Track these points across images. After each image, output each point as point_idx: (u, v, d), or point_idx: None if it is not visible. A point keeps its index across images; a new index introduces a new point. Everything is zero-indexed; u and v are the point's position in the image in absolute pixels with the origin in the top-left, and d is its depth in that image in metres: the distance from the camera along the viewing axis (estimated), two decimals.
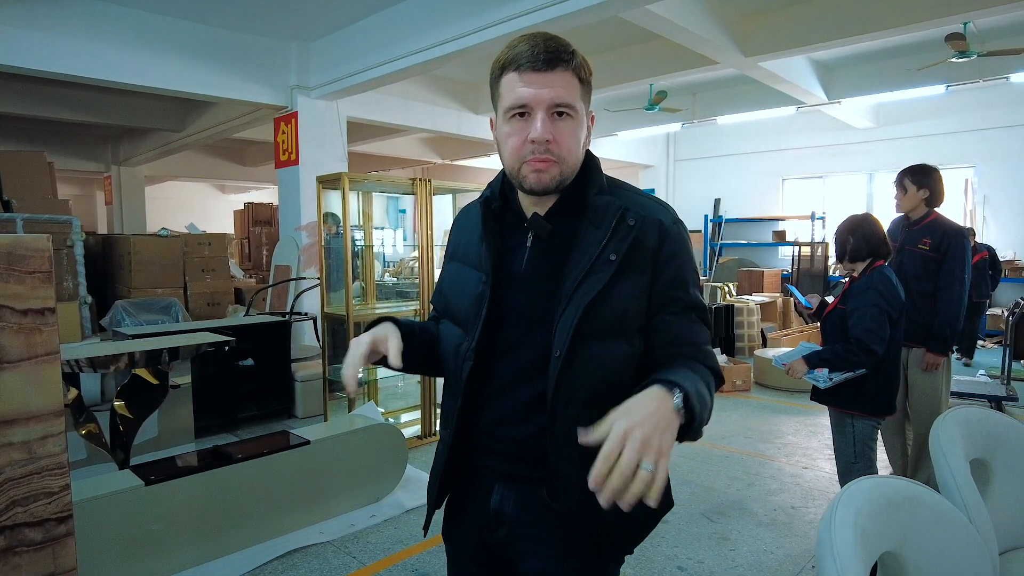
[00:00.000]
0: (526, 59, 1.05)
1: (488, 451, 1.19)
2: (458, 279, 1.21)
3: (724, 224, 12.11)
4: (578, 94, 1.08)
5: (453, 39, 5.17)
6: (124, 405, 3.69)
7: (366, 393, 4.91)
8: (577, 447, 0.93)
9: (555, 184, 1.08)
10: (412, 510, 3.44)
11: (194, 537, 2.81)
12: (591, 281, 1.05)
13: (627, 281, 1.07)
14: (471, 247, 1.20)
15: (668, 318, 1.11)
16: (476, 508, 1.23)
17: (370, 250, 4.98)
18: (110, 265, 7.90)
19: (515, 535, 1.18)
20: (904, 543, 1.16)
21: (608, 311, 1.06)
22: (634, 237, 1.08)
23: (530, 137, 1.05)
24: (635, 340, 1.10)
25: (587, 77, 1.11)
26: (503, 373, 1.15)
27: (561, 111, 1.06)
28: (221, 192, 18.74)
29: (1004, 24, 6.85)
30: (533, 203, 1.15)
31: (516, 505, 1.17)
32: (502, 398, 1.15)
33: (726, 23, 6.10)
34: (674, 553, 2.99)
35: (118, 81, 5.75)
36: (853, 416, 2.72)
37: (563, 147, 1.06)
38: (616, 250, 1.06)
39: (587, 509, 1.03)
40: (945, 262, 3.13)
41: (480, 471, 1.21)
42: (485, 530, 1.22)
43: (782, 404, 5.73)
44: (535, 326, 1.10)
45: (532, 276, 1.13)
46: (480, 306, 1.13)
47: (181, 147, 10.21)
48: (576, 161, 1.11)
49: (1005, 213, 9.35)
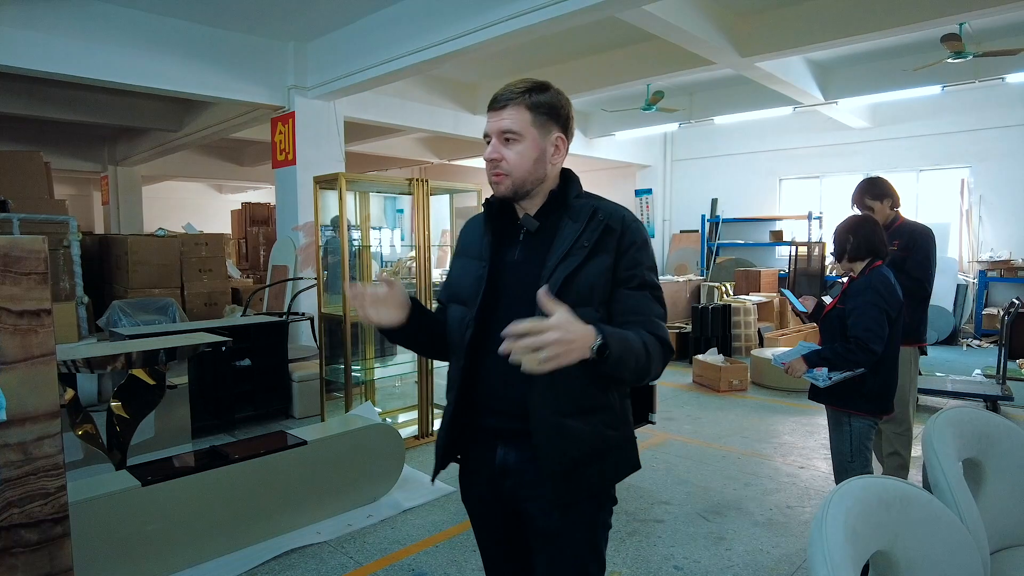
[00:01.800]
0: (491, 102, 1.41)
1: (490, 411, 1.42)
2: (464, 269, 1.49)
3: (721, 224, 12.11)
4: (527, 122, 1.38)
5: (450, 39, 5.17)
6: (121, 405, 3.69)
7: (363, 393, 4.91)
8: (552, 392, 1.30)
9: (509, 192, 1.40)
10: (409, 510, 3.44)
11: (191, 537, 2.82)
12: (568, 261, 1.34)
13: (596, 261, 1.35)
14: (474, 244, 1.49)
15: (626, 291, 1.37)
16: (484, 468, 1.47)
17: (367, 250, 4.98)
18: (107, 265, 7.89)
19: (518, 484, 1.42)
20: (895, 542, 1.17)
21: (581, 284, 1.33)
22: (603, 227, 1.36)
23: (484, 156, 1.41)
24: (602, 308, 1.36)
25: (543, 108, 1.39)
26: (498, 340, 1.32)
27: (508, 137, 1.38)
28: (218, 192, 18.72)
29: (1000, 25, 6.87)
30: (524, 207, 1.45)
31: (516, 458, 1.41)
32: (499, 363, 1.30)
33: (722, 23, 6.11)
34: (670, 552, 3.00)
35: (115, 81, 5.74)
36: (851, 415, 2.73)
37: (510, 163, 1.38)
38: (589, 239, 1.35)
39: (557, 445, 1.32)
40: (909, 259, 3.31)
41: (484, 433, 1.45)
42: (494, 486, 1.45)
43: (779, 404, 5.74)
44: (524, 301, 1.32)
45: (523, 263, 1.41)
46: (480, 285, 1.41)
47: (178, 147, 10.20)
48: (525, 173, 1.39)
49: (1001, 213, 9.37)
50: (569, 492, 1.35)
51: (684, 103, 9.67)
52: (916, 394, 3.56)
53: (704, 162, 12.63)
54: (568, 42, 6.94)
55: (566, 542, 1.41)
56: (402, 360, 5.14)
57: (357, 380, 4.70)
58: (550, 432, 1.31)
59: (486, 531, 1.57)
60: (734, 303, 8.05)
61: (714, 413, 5.43)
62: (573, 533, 1.41)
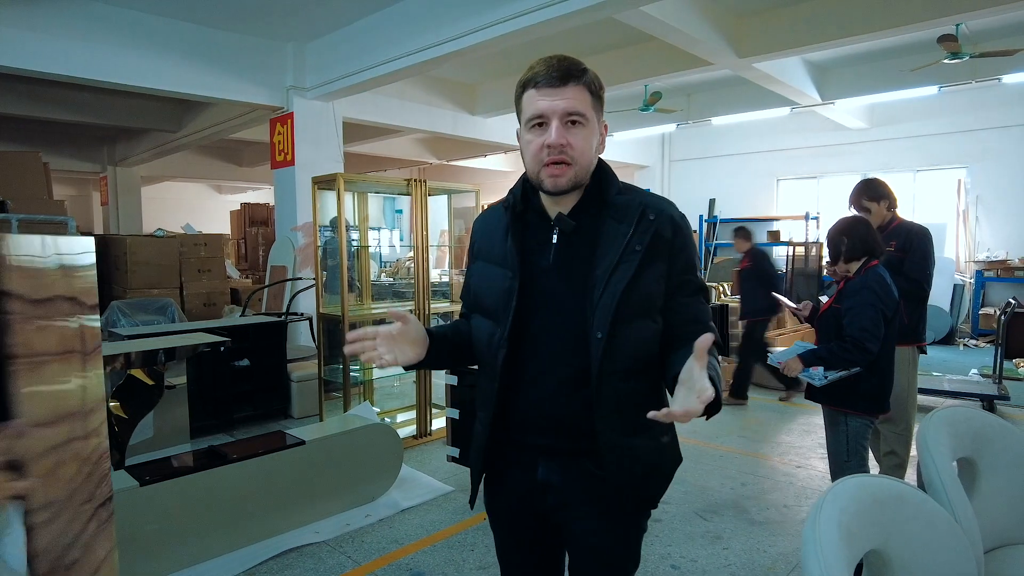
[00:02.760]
0: (543, 77, 1.21)
1: (530, 428, 1.32)
2: (485, 276, 1.36)
3: (719, 224, 12.14)
4: (589, 105, 1.23)
5: (450, 40, 5.17)
6: (120, 406, 3.70)
7: (362, 393, 4.92)
8: (618, 415, 1.23)
9: (569, 185, 1.23)
10: (407, 510, 3.45)
11: (189, 537, 2.82)
12: (622, 269, 1.21)
13: (651, 268, 1.24)
14: (494, 246, 1.35)
15: (683, 299, 1.28)
16: (517, 482, 1.39)
17: (366, 250, 4.99)
18: (106, 266, 7.88)
19: (563, 502, 1.34)
20: (889, 541, 1.18)
21: (638, 294, 1.22)
22: (655, 230, 1.24)
23: (547, 142, 1.21)
24: (658, 318, 1.27)
25: (598, 91, 1.26)
26: (538, 355, 1.29)
27: (574, 120, 1.21)
28: (218, 193, 18.70)
29: (996, 25, 6.88)
30: (555, 203, 1.29)
31: (562, 475, 1.32)
32: (540, 379, 1.29)
33: (720, 24, 6.12)
34: (668, 552, 3.01)
35: (114, 81, 5.74)
36: (847, 415, 2.74)
37: (576, 151, 1.21)
38: (640, 242, 1.23)
39: (626, 466, 1.26)
40: (907, 260, 3.31)
41: (522, 448, 1.36)
42: (530, 500, 1.37)
43: (776, 403, 5.76)
44: (566, 311, 1.25)
45: (560, 268, 1.27)
46: (510, 299, 1.28)
47: (177, 148, 10.19)
48: (588, 164, 1.25)
49: (998, 213, 9.40)
50: (630, 504, 1.32)
51: (682, 104, 9.68)
52: (916, 394, 3.56)
53: (702, 163, 12.65)
54: (567, 43, 6.95)
55: (609, 551, 1.37)
56: None
57: (356, 380, 4.71)
58: (620, 454, 1.25)
59: (512, 540, 1.49)
60: (732, 303, 8.06)
61: None
62: (617, 543, 1.37)
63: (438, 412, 4.77)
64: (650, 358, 1.27)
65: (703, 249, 12.13)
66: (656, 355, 1.28)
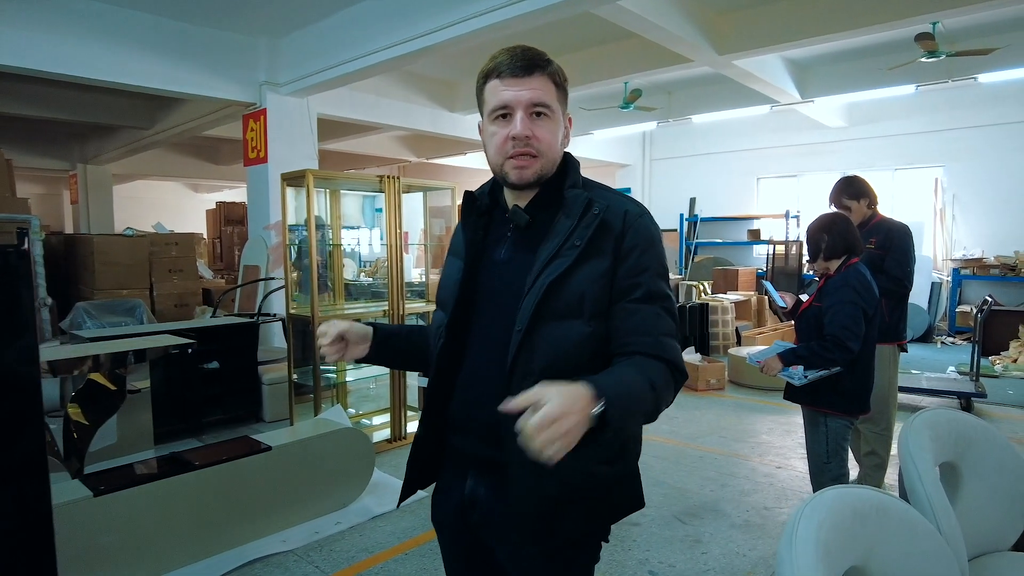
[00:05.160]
0: (506, 67, 1.17)
1: (461, 431, 1.26)
2: (448, 269, 1.34)
3: (700, 223, 12.14)
4: (554, 96, 1.19)
5: (426, 34, 5.07)
6: (79, 411, 3.56)
7: (334, 396, 4.80)
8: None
9: (535, 178, 1.19)
10: (379, 516, 3.35)
11: (149, 549, 2.70)
12: (555, 265, 1.14)
13: (588, 265, 1.14)
14: (461, 241, 1.32)
15: (628, 306, 1.16)
16: (454, 492, 1.30)
17: (338, 249, 4.87)
18: (73, 266, 7.67)
19: (488, 521, 1.24)
20: (870, 556, 1.11)
21: (568, 292, 1.14)
22: (598, 224, 1.15)
23: (511, 134, 1.16)
24: (594, 323, 1.15)
25: (562, 82, 1.22)
26: (473, 351, 1.24)
27: (539, 111, 1.17)
28: (195, 192, 18.41)
29: (972, 25, 6.91)
30: (515, 198, 1.26)
31: (488, 490, 1.23)
32: (474, 377, 1.23)
33: (700, 21, 6.08)
34: (646, 557, 2.94)
35: (82, 76, 5.55)
36: (827, 415, 2.70)
37: (543, 143, 1.18)
38: (581, 236, 1.15)
39: (531, 484, 1.12)
40: (888, 258, 3.30)
41: (456, 454, 1.29)
42: (462, 515, 1.29)
43: (756, 403, 5.72)
44: (507, 308, 1.17)
45: (510, 262, 1.23)
46: (455, 289, 1.25)
47: (150, 145, 9.96)
48: (555, 156, 1.21)
49: (974, 212, 9.48)
50: (544, 536, 1.16)
51: (662, 102, 9.65)
52: (897, 393, 3.54)
53: (682, 161, 12.66)
54: (545, 39, 6.85)
55: None
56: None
57: (329, 382, 4.59)
58: (524, 465, 1.05)
59: (452, 557, 1.41)
60: (712, 302, 8.05)
61: (691, 412, 5.40)
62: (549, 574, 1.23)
63: (413, 415, 4.67)
64: (579, 363, 1.13)
65: (683, 248, 12.13)
66: (587, 361, 1.14)
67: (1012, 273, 8.60)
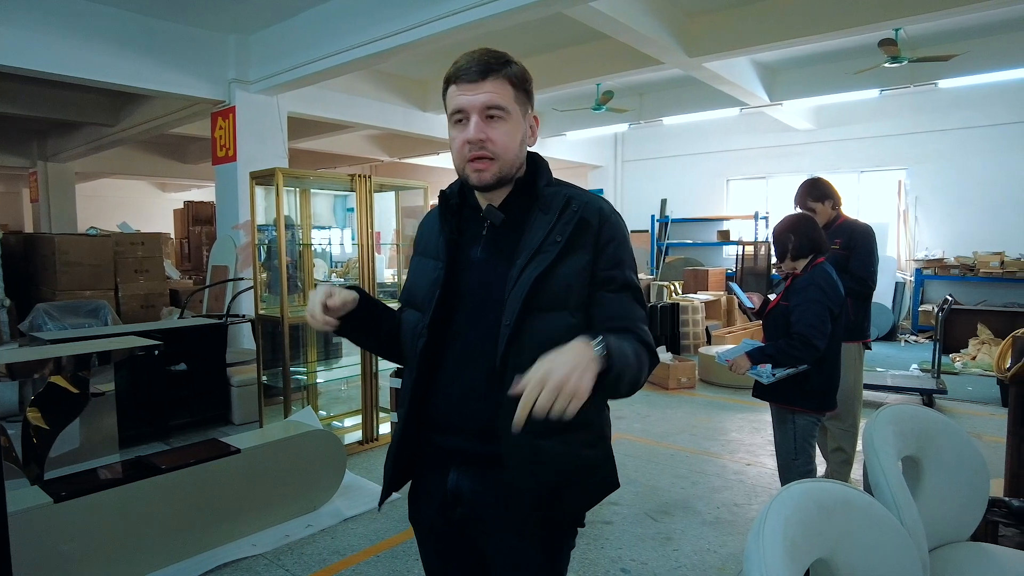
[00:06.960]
0: (463, 72, 1.20)
1: (444, 427, 1.26)
2: (419, 270, 1.34)
3: (670, 224, 12.27)
4: (511, 98, 1.21)
5: (396, 33, 5.03)
6: (39, 415, 3.46)
7: (305, 398, 4.74)
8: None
9: (494, 180, 1.21)
10: (351, 519, 3.32)
11: (112, 556, 2.64)
12: (539, 259, 1.18)
13: (571, 259, 1.19)
14: (431, 241, 1.33)
15: (606, 295, 1.22)
16: (435, 488, 1.31)
17: (308, 249, 4.81)
18: (33, 266, 7.46)
19: (473, 515, 1.27)
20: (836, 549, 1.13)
21: (554, 286, 1.18)
22: (578, 220, 1.20)
23: (466, 138, 1.20)
24: (578, 314, 1.21)
25: (522, 83, 1.24)
26: (457, 350, 1.25)
27: (492, 114, 1.19)
28: (162, 191, 18.04)
29: (933, 32, 7.10)
30: (487, 197, 1.28)
31: (473, 484, 1.26)
32: (457, 374, 1.24)
33: (671, 23, 6.14)
34: (618, 555, 2.96)
35: (43, 71, 5.37)
36: (794, 412, 2.74)
37: (498, 145, 1.20)
38: (562, 232, 1.19)
39: (532, 470, 1.17)
40: (852, 258, 3.36)
41: (436, 453, 1.30)
42: (445, 510, 1.30)
43: (726, 401, 5.80)
44: (488, 306, 1.21)
45: (487, 261, 1.25)
46: (435, 289, 1.25)
47: (115, 142, 9.73)
48: (514, 157, 1.23)
49: (936, 213, 9.73)
50: (540, 521, 1.23)
51: (634, 104, 9.73)
52: (862, 390, 3.62)
53: (653, 163, 12.78)
54: (517, 40, 6.88)
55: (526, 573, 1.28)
56: (346, 363, 4.98)
57: (299, 384, 4.54)
58: (523, 456, 1.16)
59: (436, 556, 1.41)
60: (683, 302, 8.13)
61: (663, 411, 5.45)
62: (534, 564, 1.27)
63: (385, 416, 4.63)
64: None
65: (655, 248, 12.25)
66: None
67: (971, 273, 8.84)
